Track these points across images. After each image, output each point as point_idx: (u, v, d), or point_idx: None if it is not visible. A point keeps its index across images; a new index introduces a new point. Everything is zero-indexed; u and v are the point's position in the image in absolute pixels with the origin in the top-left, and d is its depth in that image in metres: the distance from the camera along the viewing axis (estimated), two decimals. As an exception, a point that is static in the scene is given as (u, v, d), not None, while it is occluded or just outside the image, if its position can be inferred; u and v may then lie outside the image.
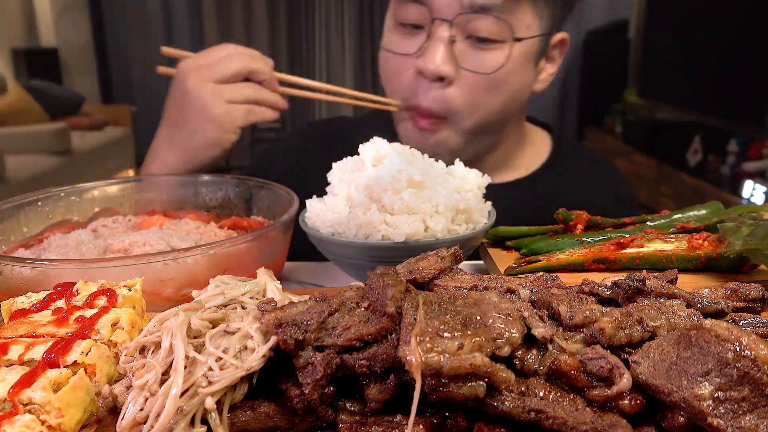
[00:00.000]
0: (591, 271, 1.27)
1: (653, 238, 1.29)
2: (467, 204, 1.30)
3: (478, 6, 1.73)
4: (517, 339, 0.72)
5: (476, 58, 1.79)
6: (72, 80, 10.31)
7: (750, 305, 0.95)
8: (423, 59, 1.79)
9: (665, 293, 0.87)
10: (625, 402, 0.69)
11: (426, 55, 1.79)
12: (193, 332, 0.81)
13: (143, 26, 10.86)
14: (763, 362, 0.65)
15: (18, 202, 1.45)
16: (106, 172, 8.28)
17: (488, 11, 1.73)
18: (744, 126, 6.42)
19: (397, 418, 0.73)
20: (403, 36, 1.87)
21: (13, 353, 0.79)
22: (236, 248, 1.21)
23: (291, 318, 0.75)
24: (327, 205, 1.32)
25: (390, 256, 1.22)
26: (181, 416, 0.70)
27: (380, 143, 1.36)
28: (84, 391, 0.76)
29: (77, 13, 10.32)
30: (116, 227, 1.49)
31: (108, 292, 0.95)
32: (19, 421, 0.69)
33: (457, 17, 1.74)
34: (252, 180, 1.62)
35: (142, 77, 11.02)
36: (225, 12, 10.84)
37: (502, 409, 0.69)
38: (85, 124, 8.80)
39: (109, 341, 0.86)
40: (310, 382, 0.71)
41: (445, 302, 0.78)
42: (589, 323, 0.77)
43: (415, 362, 0.65)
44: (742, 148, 6.38)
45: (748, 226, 1.24)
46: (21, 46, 9.70)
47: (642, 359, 0.72)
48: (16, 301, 0.96)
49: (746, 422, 0.64)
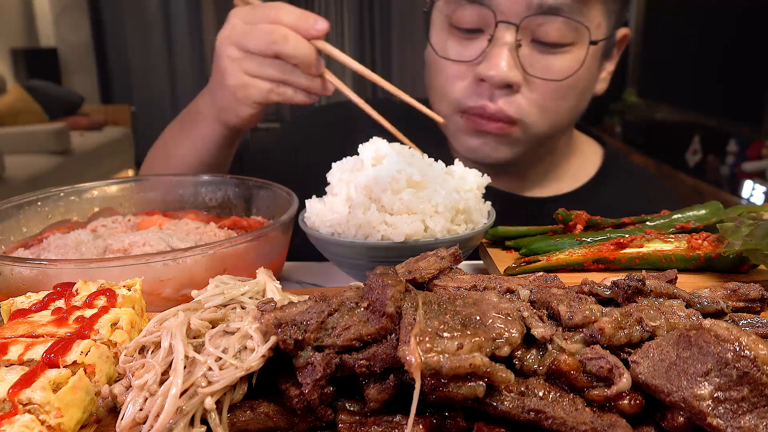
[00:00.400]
0: (590, 271, 1.27)
1: (653, 238, 1.29)
2: (466, 204, 1.30)
3: (547, 7, 1.58)
4: (516, 339, 0.72)
5: (544, 63, 1.66)
6: (71, 80, 10.32)
7: (749, 305, 0.95)
8: (485, 66, 1.65)
9: (665, 293, 0.87)
10: (625, 402, 0.69)
11: (489, 62, 1.64)
12: (192, 332, 0.81)
13: (142, 26, 10.86)
14: (762, 362, 0.65)
15: (17, 202, 1.44)
16: (105, 172, 8.29)
17: (558, 12, 1.59)
18: (743, 126, 6.42)
19: (397, 418, 0.73)
20: (459, 41, 1.72)
21: (13, 353, 0.79)
22: (235, 248, 1.21)
23: (290, 318, 0.75)
24: (326, 205, 1.32)
25: (389, 256, 1.22)
26: (181, 416, 0.70)
27: (379, 143, 1.36)
28: (83, 391, 0.76)
29: (77, 13, 10.32)
30: (116, 227, 1.49)
31: (107, 292, 0.95)
32: (18, 421, 0.69)
33: (524, 20, 1.60)
34: (251, 180, 1.62)
35: (141, 77, 11.03)
36: (225, 13, 10.82)
37: (502, 409, 0.69)
38: (84, 124, 8.81)
39: (108, 341, 0.86)
40: (309, 382, 0.71)
41: (445, 302, 0.78)
42: (589, 323, 0.77)
43: (414, 362, 0.65)
44: (741, 148, 6.39)
45: (748, 226, 1.24)
46: (20, 46, 9.71)
47: (641, 359, 0.72)
48: (16, 301, 0.96)
49: (746, 422, 0.64)
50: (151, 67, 11.02)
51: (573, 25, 1.61)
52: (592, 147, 2.11)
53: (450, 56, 1.74)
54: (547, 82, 1.66)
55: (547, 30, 1.62)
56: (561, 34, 1.63)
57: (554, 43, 1.64)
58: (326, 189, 1.37)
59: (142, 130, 10.51)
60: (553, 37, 1.63)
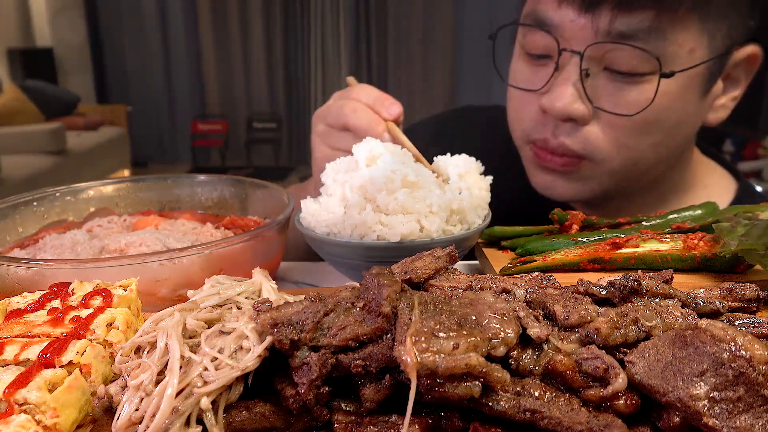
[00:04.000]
0: (586, 271, 1.27)
1: (649, 238, 1.29)
2: (461, 204, 1.30)
3: (617, 33, 1.40)
4: (512, 339, 0.72)
5: (616, 94, 1.47)
6: (67, 80, 10.32)
7: (745, 305, 0.95)
8: (549, 97, 1.52)
9: (661, 293, 0.87)
10: (621, 402, 0.69)
11: (552, 93, 1.51)
12: (188, 332, 0.81)
13: (138, 26, 10.87)
14: (758, 362, 0.65)
15: (13, 202, 1.44)
16: (101, 172, 8.28)
17: (631, 39, 1.40)
18: (739, 126, 6.42)
19: (393, 418, 0.73)
20: (529, 67, 1.60)
21: (9, 353, 0.79)
22: (231, 248, 1.21)
23: (286, 318, 0.75)
24: (322, 206, 1.32)
25: (385, 256, 1.22)
26: (177, 416, 0.70)
27: (373, 143, 1.36)
28: (79, 391, 0.76)
29: (73, 13, 10.32)
30: (111, 227, 1.49)
31: (103, 292, 0.95)
32: (14, 421, 0.69)
33: (589, 48, 1.43)
34: (247, 180, 1.62)
35: (137, 77, 11.04)
36: (221, 13, 10.84)
37: (498, 409, 0.69)
38: (80, 124, 8.81)
39: (104, 341, 0.86)
40: (305, 382, 0.71)
41: (441, 302, 0.78)
42: (585, 323, 0.77)
43: (410, 362, 0.65)
44: (737, 148, 6.40)
45: (744, 226, 1.24)
46: (16, 46, 9.70)
47: (637, 359, 0.72)
48: (12, 301, 0.96)
49: (741, 422, 0.64)
50: (147, 68, 11.04)
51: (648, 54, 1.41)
52: (723, 180, 1.85)
53: (518, 83, 1.63)
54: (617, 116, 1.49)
55: (618, 59, 1.45)
56: (634, 64, 1.44)
57: (629, 72, 1.46)
58: (321, 189, 1.37)
59: (138, 130, 10.53)
60: (625, 66, 1.45)
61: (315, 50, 10.75)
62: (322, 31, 10.59)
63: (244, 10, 10.80)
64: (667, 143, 1.58)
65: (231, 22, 10.88)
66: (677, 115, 1.53)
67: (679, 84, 1.46)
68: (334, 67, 10.72)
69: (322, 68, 10.86)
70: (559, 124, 1.55)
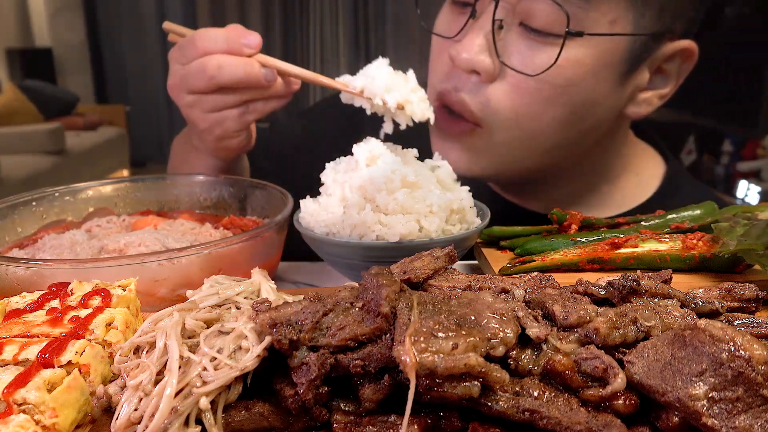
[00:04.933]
0: (585, 271, 1.27)
1: (648, 238, 1.29)
2: (461, 204, 1.30)
3: None
4: (511, 339, 0.72)
5: (526, 53, 1.39)
6: (66, 80, 10.31)
7: (744, 305, 0.95)
8: (458, 45, 1.44)
9: (660, 293, 0.87)
10: (620, 402, 0.69)
11: (462, 41, 1.43)
12: (187, 332, 0.81)
13: (137, 26, 10.86)
14: (757, 362, 0.65)
15: (12, 203, 1.44)
16: (100, 172, 8.27)
17: None
18: (738, 126, 6.43)
19: (392, 418, 0.73)
20: (451, 13, 1.52)
21: (8, 353, 0.79)
22: (230, 248, 1.21)
23: (285, 318, 0.75)
24: (321, 206, 1.32)
25: (384, 256, 1.22)
26: (176, 416, 0.70)
27: (374, 143, 1.36)
28: (78, 391, 0.76)
29: (71, 13, 10.31)
30: (110, 227, 1.49)
31: (102, 292, 0.95)
32: (13, 421, 0.69)
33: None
34: (246, 180, 1.62)
35: (136, 77, 11.02)
36: (220, 13, 10.84)
37: (497, 409, 0.69)
38: (79, 124, 8.80)
39: (103, 341, 0.86)
40: (304, 382, 0.71)
41: (440, 302, 0.78)
42: (584, 323, 0.77)
43: (409, 362, 0.65)
44: (736, 148, 6.40)
45: (743, 226, 1.24)
46: (15, 46, 9.69)
47: (636, 359, 0.72)
48: (11, 301, 0.96)
49: (741, 422, 0.64)
50: (146, 67, 11.02)
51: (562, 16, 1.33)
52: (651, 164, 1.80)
53: (437, 29, 1.55)
54: (525, 78, 1.40)
55: (534, 13, 1.36)
56: (549, 21, 1.35)
57: (542, 31, 1.37)
58: (320, 189, 1.37)
59: (137, 130, 10.51)
60: (539, 23, 1.36)
61: (314, 51, 10.74)
62: (321, 32, 10.59)
63: (243, 11, 10.80)
64: (573, 122, 1.49)
65: (230, 22, 10.87)
66: (587, 92, 1.44)
67: (593, 57, 1.39)
68: (332, 68, 10.71)
69: (321, 69, 10.85)
70: (464, 78, 1.47)
